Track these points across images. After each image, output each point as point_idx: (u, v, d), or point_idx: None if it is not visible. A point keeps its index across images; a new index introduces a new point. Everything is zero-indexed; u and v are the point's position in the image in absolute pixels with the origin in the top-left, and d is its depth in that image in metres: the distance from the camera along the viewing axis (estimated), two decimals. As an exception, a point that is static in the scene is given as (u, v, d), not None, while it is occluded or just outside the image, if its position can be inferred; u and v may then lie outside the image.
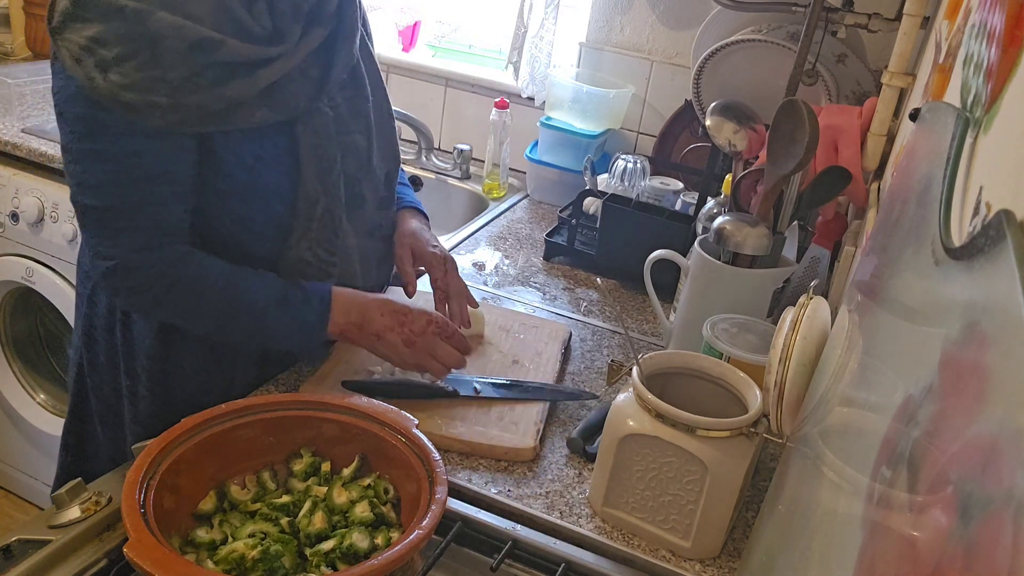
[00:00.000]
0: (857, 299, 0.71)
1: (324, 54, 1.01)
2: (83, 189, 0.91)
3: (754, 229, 1.10)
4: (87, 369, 1.14)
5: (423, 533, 0.74)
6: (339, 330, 1.02)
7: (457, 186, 2.00)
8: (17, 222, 1.82)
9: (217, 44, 0.88)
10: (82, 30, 0.85)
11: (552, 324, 1.31)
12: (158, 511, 0.75)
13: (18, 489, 2.16)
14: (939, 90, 0.78)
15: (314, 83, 0.99)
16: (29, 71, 2.11)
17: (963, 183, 0.46)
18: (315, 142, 1.00)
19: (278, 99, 0.95)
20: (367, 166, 1.10)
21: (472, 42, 2.22)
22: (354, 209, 1.09)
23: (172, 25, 0.85)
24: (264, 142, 0.97)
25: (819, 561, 0.49)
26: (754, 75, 1.60)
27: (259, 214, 1.00)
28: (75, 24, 0.85)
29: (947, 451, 0.32)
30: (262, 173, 0.98)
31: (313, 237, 1.03)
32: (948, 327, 0.38)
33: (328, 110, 1.02)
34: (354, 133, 1.07)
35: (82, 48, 0.85)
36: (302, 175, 1.00)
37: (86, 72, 0.85)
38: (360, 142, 1.08)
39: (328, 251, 1.05)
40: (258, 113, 0.94)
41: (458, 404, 1.06)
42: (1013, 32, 0.45)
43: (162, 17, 0.85)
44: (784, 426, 0.80)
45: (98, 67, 0.85)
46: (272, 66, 0.93)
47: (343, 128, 1.05)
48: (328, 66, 1.01)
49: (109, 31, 0.84)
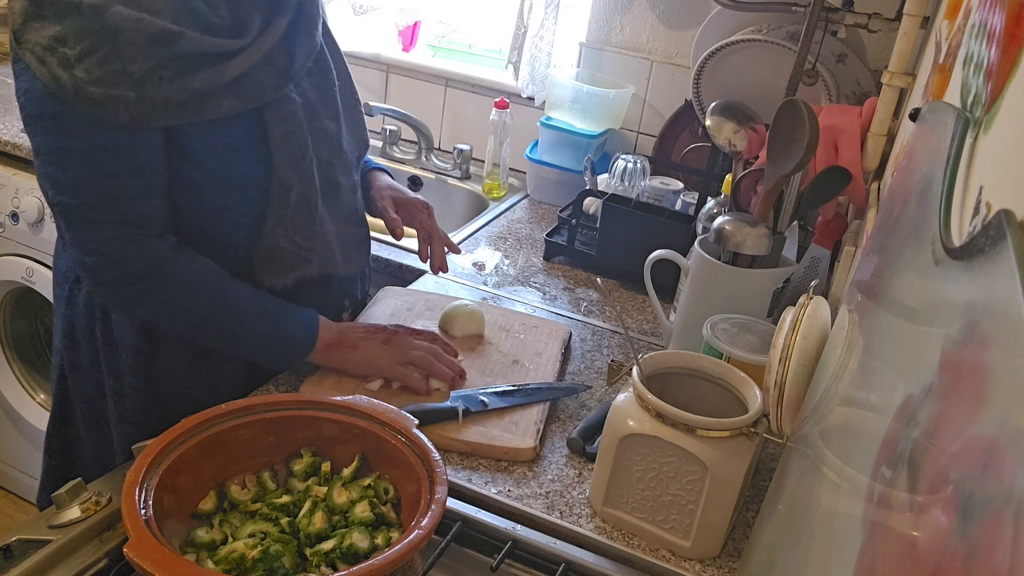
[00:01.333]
0: (857, 299, 0.71)
1: (288, 43, 1.01)
2: (58, 187, 0.92)
3: (754, 229, 1.10)
4: (68, 371, 1.14)
5: (423, 533, 0.74)
6: (324, 345, 1.05)
7: (457, 186, 2.00)
8: (17, 222, 1.82)
9: (176, 36, 0.89)
10: (42, 30, 0.86)
11: (552, 324, 1.31)
12: (158, 511, 0.75)
13: (18, 489, 2.16)
14: (939, 90, 0.78)
15: (280, 71, 1.00)
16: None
17: (963, 183, 0.46)
18: (285, 129, 1.01)
19: (245, 89, 0.96)
20: (339, 151, 1.11)
21: (472, 42, 2.22)
22: (330, 195, 1.10)
23: (129, 19, 0.86)
24: (234, 131, 0.98)
25: (819, 561, 0.49)
26: (754, 75, 1.60)
27: (234, 203, 1.00)
28: (35, 24, 0.86)
29: (947, 451, 0.32)
30: (234, 162, 0.99)
31: (289, 224, 1.03)
32: (948, 327, 0.38)
33: (296, 97, 1.02)
34: (324, 119, 1.08)
35: (44, 48, 0.86)
36: (274, 162, 1.00)
37: (51, 71, 0.86)
38: (330, 127, 1.09)
39: (306, 237, 1.06)
40: (225, 103, 0.94)
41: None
42: (1013, 32, 0.45)
43: (119, 11, 0.86)
44: (784, 426, 0.80)
45: (61, 65, 0.86)
46: (238, 58, 0.94)
47: (313, 114, 1.05)
48: (292, 54, 1.01)
49: (69, 28, 0.86)
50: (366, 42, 2.13)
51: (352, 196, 1.17)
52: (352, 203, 1.17)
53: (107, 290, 0.97)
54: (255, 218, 1.02)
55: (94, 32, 0.86)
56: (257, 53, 0.96)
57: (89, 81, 0.86)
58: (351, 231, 1.17)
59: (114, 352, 1.08)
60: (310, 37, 1.04)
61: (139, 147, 0.92)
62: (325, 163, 1.08)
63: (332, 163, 1.09)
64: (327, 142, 1.08)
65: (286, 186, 1.01)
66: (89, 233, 0.93)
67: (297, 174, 1.02)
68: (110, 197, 0.92)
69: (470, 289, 1.47)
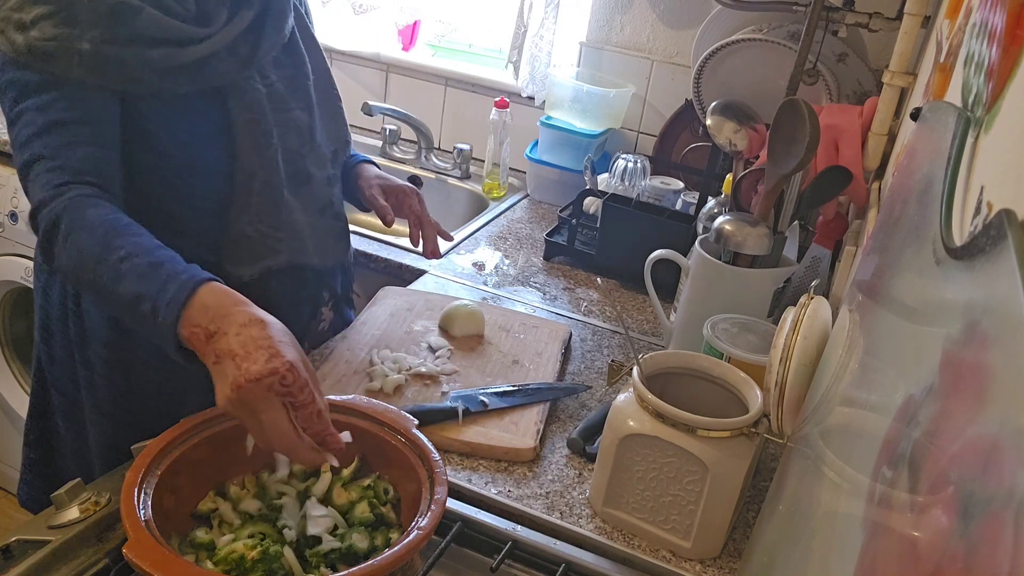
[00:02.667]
0: (858, 299, 0.71)
1: (253, 34, 1.02)
2: (19, 149, 0.92)
3: (754, 229, 1.10)
4: (45, 363, 1.14)
5: (423, 533, 0.74)
6: (189, 329, 0.78)
7: (457, 186, 1.99)
8: (16, 222, 1.82)
9: (136, 11, 0.90)
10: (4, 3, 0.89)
11: (552, 324, 1.31)
12: (157, 511, 0.75)
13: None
14: (940, 89, 0.78)
15: (242, 60, 1.01)
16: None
17: (964, 182, 0.46)
18: (248, 117, 1.01)
19: (204, 73, 0.97)
20: (310, 142, 1.11)
21: (472, 41, 2.22)
22: (300, 185, 1.10)
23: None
24: (196, 119, 0.99)
25: (820, 561, 0.49)
26: (755, 74, 1.60)
27: (199, 190, 1.01)
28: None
29: (948, 451, 0.32)
30: (197, 149, 0.99)
31: (254, 212, 1.04)
32: (949, 327, 0.38)
33: (260, 86, 1.03)
34: (294, 110, 1.08)
35: (2, 19, 0.89)
36: (237, 149, 1.01)
37: (8, 38, 0.89)
38: (301, 118, 1.09)
39: (271, 226, 1.06)
40: (182, 81, 0.96)
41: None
42: (1014, 31, 0.45)
43: None
44: (785, 426, 0.80)
45: (17, 29, 0.88)
46: (199, 45, 0.95)
47: (280, 104, 1.06)
48: (256, 45, 1.02)
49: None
50: (366, 41, 2.13)
51: (327, 188, 1.17)
52: (327, 195, 1.17)
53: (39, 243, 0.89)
54: (220, 205, 1.02)
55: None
56: (219, 43, 0.97)
57: (42, 39, 0.88)
58: (325, 223, 1.17)
59: (86, 343, 1.07)
60: (277, 30, 1.05)
61: (93, 102, 0.92)
62: (294, 152, 1.08)
63: (302, 153, 1.09)
64: (297, 132, 1.08)
65: (249, 173, 1.02)
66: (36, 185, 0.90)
67: (260, 161, 1.03)
68: (58, 146, 0.90)
69: (470, 289, 1.46)
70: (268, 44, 1.03)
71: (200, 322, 0.78)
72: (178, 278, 0.80)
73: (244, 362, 0.75)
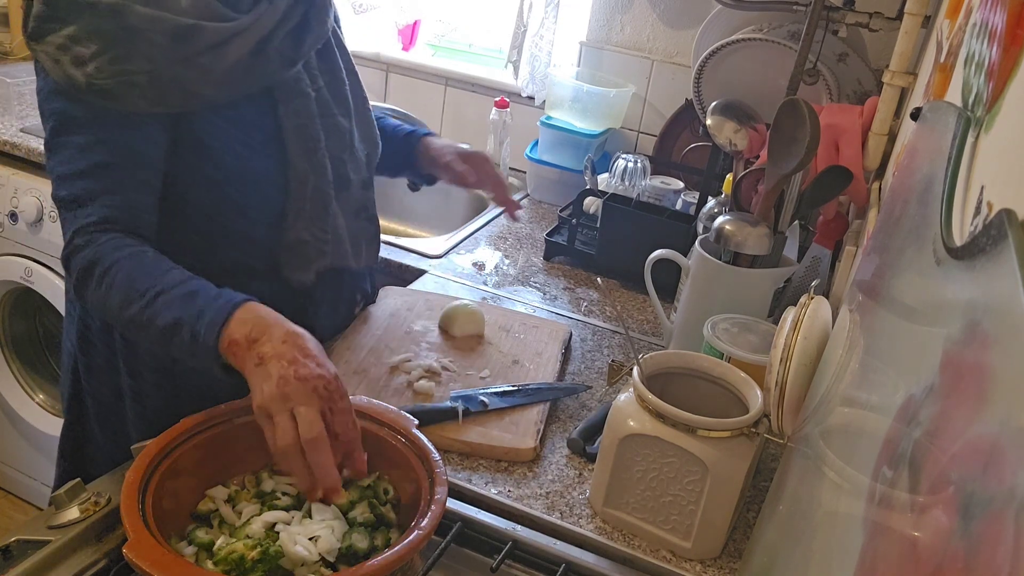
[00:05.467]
0: (858, 299, 0.71)
1: (297, 31, 1.02)
2: (57, 182, 0.92)
3: (755, 229, 1.10)
4: (83, 373, 1.14)
5: (423, 534, 0.74)
6: (228, 342, 0.81)
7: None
8: (16, 222, 1.82)
9: (194, 29, 0.90)
10: (59, 31, 0.87)
11: (552, 324, 1.31)
12: (157, 511, 0.75)
13: (17, 489, 2.16)
14: (940, 89, 0.78)
15: (286, 57, 1.01)
16: (28, 70, 2.10)
17: (964, 182, 0.46)
18: (298, 122, 1.03)
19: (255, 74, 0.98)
20: (351, 148, 1.13)
21: (472, 41, 2.22)
22: (341, 190, 1.12)
23: (148, 18, 0.87)
24: (249, 128, 1.00)
25: (820, 562, 0.49)
26: (755, 74, 1.59)
27: (253, 200, 1.03)
28: (50, 26, 0.88)
29: (948, 451, 0.32)
30: (251, 159, 1.00)
31: (308, 217, 1.06)
32: (949, 327, 0.38)
33: (310, 91, 1.05)
34: (336, 116, 1.09)
35: (58, 48, 0.87)
36: (289, 155, 1.02)
37: (64, 71, 0.87)
38: (343, 124, 1.10)
39: (321, 229, 1.08)
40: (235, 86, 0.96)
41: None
42: (1014, 31, 0.45)
43: (139, 11, 0.87)
44: (785, 426, 0.80)
45: (75, 63, 0.87)
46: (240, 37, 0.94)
47: (325, 110, 1.07)
48: (300, 39, 1.03)
49: (83, 28, 0.87)
50: (366, 41, 2.13)
51: (362, 192, 1.18)
52: (362, 199, 1.19)
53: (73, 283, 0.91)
54: (274, 215, 1.04)
55: (109, 32, 0.87)
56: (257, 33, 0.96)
57: (101, 77, 0.87)
58: (360, 226, 1.19)
59: (133, 352, 1.08)
60: (321, 23, 1.05)
61: (138, 142, 0.93)
62: (337, 158, 1.10)
63: (343, 158, 1.11)
64: (339, 138, 1.10)
65: (301, 178, 1.04)
66: (74, 224, 0.91)
67: (311, 166, 1.04)
68: (99, 190, 0.91)
69: (470, 289, 1.46)
70: (312, 38, 1.04)
71: (240, 334, 0.81)
72: (214, 303, 0.84)
73: (293, 364, 0.78)
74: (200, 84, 0.93)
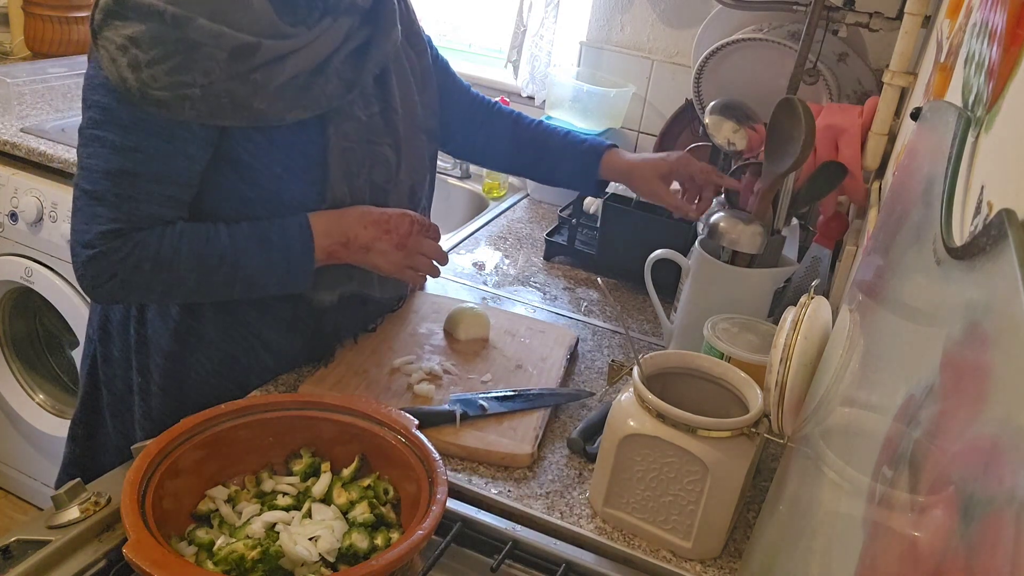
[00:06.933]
0: (858, 299, 0.71)
1: (359, 55, 1.02)
2: (83, 172, 0.92)
3: (748, 227, 1.10)
4: (100, 362, 1.15)
5: (423, 534, 0.74)
6: (326, 253, 1.00)
7: (457, 185, 1.99)
8: (16, 222, 1.82)
9: (254, 47, 0.90)
10: (121, 28, 0.87)
11: (559, 329, 1.30)
12: (157, 511, 0.75)
13: (17, 489, 2.16)
14: (940, 89, 0.78)
15: (346, 82, 1.01)
16: (28, 71, 2.10)
17: (964, 182, 0.46)
18: (344, 145, 1.01)
19: (312, 95, 0.97)
20: (395, 178, 1.10)
21: (472, 41, 2.22)
22: None
23: (211, 33, 0.87)
24: (292, 153, 0.99)
25: (820, 562, 0.49)
26: (755, 74, 1.59)
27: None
28: (115, 22, 0.87)
29: (948, 451, 0.32)
30: (288, 184, 0.99)
31: None
32: (949, 327, 0.38)
33: (362, 115, 1.03)
34: (384, 144, 1.07)
35: (118, 47, 0.87)
36: (330, 177, 1.01)
37: (119, 71, 0.87)
38: (389, 155, 1.08)
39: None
40: (289, 114, 0.95)
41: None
42: (1014, 31, 0.45)
43: (202, 24, 0.87)
44: (785, 426, 0.80)
45: (131, 66, 0.87)
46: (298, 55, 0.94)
47: (374, 137, 1.06)
48: (361, 67, 1.02)
49: (146, 32, 0.86)
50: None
51: None
52: None
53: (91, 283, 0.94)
54: None
55: (171, 41, 0.87)
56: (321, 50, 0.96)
57: (155, 86, 0.87)
58: None
59: (145, 351, 1.09)
60: (381, 47, 1.05)
61: (172, 157, 0.92)
62: (379, 188, 1.08)
63: (387, 189, 1.09)
64: (384, 168, 1.08)
65: (339, 202, 1.02)
66: (86, 222, 0.92)
67: (350, 191, 1.03)
68: (123, 196, 0.92)
69: (470, 289, 1.46)
70: (372, 63, 1.03)
71: (332, 241, 1.00)
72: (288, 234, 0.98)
73: (391, 232, 1.03)
74: (252, 98, 0.92)
